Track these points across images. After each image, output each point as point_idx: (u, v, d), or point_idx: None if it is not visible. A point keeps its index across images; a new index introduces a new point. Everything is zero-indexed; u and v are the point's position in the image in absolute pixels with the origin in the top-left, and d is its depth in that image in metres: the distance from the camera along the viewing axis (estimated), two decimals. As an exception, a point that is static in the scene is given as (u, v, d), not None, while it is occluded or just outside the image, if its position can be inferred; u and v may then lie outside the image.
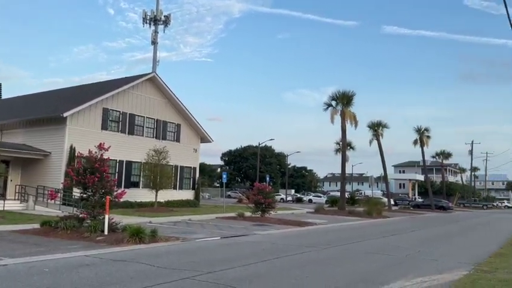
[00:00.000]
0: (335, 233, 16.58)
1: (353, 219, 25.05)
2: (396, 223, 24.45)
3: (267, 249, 10.96)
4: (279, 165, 77.18)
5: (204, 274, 7.29)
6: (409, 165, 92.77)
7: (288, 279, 7.29)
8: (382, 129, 45.80)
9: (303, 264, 8.98)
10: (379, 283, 7.18)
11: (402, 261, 9.80)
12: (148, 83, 28.27)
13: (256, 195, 21.68)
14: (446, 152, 67.68)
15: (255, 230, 16.18)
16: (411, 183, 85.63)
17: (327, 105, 35.49)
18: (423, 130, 51.71)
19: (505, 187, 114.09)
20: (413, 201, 61.13)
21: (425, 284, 7.25)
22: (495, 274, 8.33)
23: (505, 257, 10.95)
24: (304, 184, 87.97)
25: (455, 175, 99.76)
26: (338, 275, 7.82)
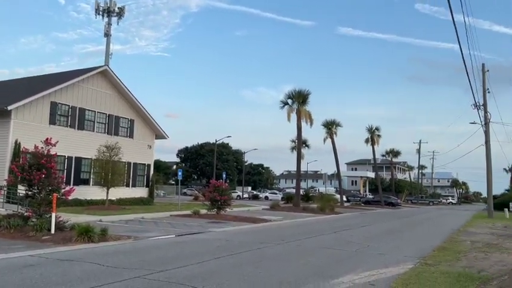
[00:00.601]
0: (289, 229, 16.84)
1: (307, 216, 25.55)
2: (347, 219, 25.20)
3: (222, 246, 10.94)
4: (236, 163, 77.27)
5: (155, 273, 7.15)
6: (361, 163, 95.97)
7: (241, 275, 7.32)
8: (336, 128, 47.03)
9: (256, 260, 9.04)
10: (329, 277, 7.38)
11: (352, 256, 10.12)
12: (100, 77, 27.30)
13: (212, 192, 21.57)
14: (396, 151, 70.66)
15: (211, 227, 16.11)
16: (362, 180, 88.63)
17: (284, 104, 35.95)
18: (374, 129, 53.66)
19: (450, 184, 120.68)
20: (364, 197, 63.32)
21: (373, 278, 7.53)
22: (438, 267, 8.79)
23: (448, 250, 11.58)
24: (261, 181, 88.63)
25: (403, 173, 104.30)
26: (290, 270, 7.95)
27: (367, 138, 54.60)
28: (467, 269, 8.57)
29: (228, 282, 6.71)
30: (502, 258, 10.41)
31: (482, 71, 34.39)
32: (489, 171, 33.92)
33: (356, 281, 7.16)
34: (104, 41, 35.58)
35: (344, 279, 7.25)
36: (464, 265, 9.16)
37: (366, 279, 7.40)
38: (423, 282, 7.15)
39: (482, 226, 21.75)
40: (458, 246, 12.57)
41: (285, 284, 6.78)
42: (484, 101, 33.69)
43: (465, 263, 9.43)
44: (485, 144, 33.81)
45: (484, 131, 33.88)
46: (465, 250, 11.74)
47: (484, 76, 34.24)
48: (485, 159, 33.87)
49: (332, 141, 46.78)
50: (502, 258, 10.30)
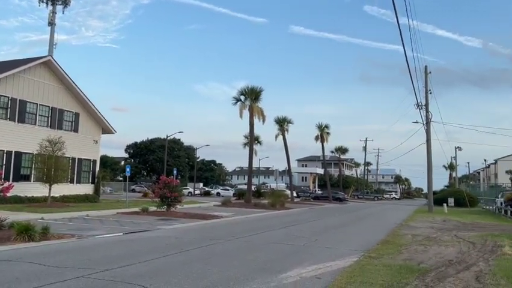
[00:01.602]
0: (240, 225, 16.89)
1: (258, 211, 25.76)
2: (297, 214, 25.70)
3: (171, 244, 10.77)
4: (187, 159, 76.32)
5: (100, 272, 6.92)
6: (311, 160, 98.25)
7: (190, 273, 7.24)
8: (287, 125, 47.79)
9: (206, 257, 8.99)
10: (277, 272, 7.49)
11: (300, 250, 10.33)
12: (43, 67, 25.90)
13: (162, 189, 21.17)
14: (344, 148, 73.06)
15: (160, 224, 15.81)
16: (312, 176, 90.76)
17: (236, 100, 35.96)
18: (323, 127, 55.06)
19: (393, 180, 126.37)
20: (314, 193, 64.91)
21: (320, 271, 7.74)
22: (381, 260, 9.18)
23: (390, 244, 12.13)
24: (213, 177, 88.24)
25: (350, 169, 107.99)
26: (239, 266, 7.97)
27: (317, 135, 55.94)
28: (407, 262, 9.02)
29: (176, 280, 6.62)
30: (440, 250, 11.06)
31: (424, 72, 36.25)
32: (429, 168, 35.90)
33: (303, 275, 7.33)
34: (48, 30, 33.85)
35: (292, 274, 7.39)
36: (405, 258, 9.63)
37: (313, 272, 7.59)
38: (366, 274, 7.45)
39: (422, 220, 22.96)
40: (400, 240, 13.20)
41: (234, 280, 6.79)
42: (425, 102, 35.57)
43: (406, 256, 9.92)
44: (426, 143, 35.73)
45: (426, 130, 35.78)
46: (406, 243, 12.35)
47: (426, 78, 36.11)
48: (426, 156, 35.80)
49: (284, 138, 47.50)
50: (440, 251, 10.94)
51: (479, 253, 10.66)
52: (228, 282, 6.59)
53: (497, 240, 13.44)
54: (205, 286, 6.36)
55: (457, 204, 47.13)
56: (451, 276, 7.61)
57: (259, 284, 6.53)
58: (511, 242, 12.91)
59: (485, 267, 8.61)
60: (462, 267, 8.55)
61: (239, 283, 6.58)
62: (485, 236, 14.63)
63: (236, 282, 6.60)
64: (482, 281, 7.20)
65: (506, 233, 15.98)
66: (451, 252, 10.66)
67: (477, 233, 16.16)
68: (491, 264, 8.90)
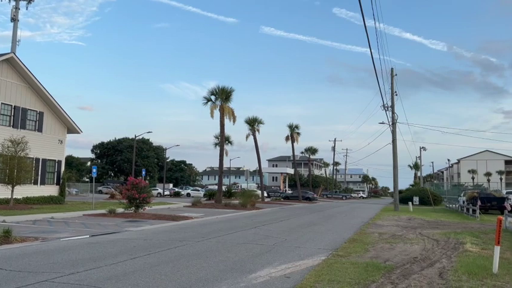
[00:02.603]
0: (210, 226, 16.80)
1: (228, 212, 25.70)
2: (267, 214, 25.81)
3: (139, 246, 10.58)
4: (157, 159, 75.24)
5: (65, 276, 6.72)
6: (281, 160, 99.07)
7: (159, 275, 7.14)
8: (258, 125, 47.92)
9: (175, 258, 8.89)
10: (247, 272, 7.51)
11: (270, 250, 10.38)
12: (5, 65, 24.89)
13: (130, 190, 20.78)
14: (313, 148, 74.05)
15: (128, 226, 15.51)
16: (282, 176, 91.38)
17: (207, 100, 35.73)
18: (294, 127, 55.59)
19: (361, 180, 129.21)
20: (284, 193, 65.37)
21: (289, 270, 7.80)
22: (348, 258, 9.35)
23: (358, 242, 12.37)
24: (183, 178, 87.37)
25: (320, 169, 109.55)
26: (209, 267, 7.93)
27: (287, 135, 56.39)
28: (374, 260, 9.23)
29: (144, 283, 6.52)
30: (405, 248, 11.37)
31: (390, 75, 37.23)
32: (395, 168, 36.89)
33: (272, 274, 7.37)
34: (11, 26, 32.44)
35: (261, 273, 7.42)
36: (372, 256, 9.86)
37: (282, 272, 7.65)
38: (334, 272, 7.57)
39: (389, 219, 23.55)
40: (367, 238, 13.49)
41: (203, 281, 6.75)
42: (391, 103, 36.52)
43: (373, 254, 10.15)
44: (392, 143, 36.70)
45: (392, 131, 36.76)
46: (373, 241, 12.64)
47: (392, 80, 37.09)
48: (392, 156, 36.77)
49: (254, 138, 47.61)
50: (405, 248, 11.26)
51: (443, 250, 11.04)
52: (197, 284, 6.54)
53: (460, 237, 13.96)
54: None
55: (422, 203, 48.63)
56: (416, 273, 7.84)
57: (228, 285, 6.51)
58: (472, 239, 13.45)
59: (448, 263, 8.92)
60: (426, 264, 8.83)
61: (209, 284, 6.54)
62: (448, 234, 15.16)
63: (206, 284, 6.56)
64: (445, 277, 7.46)
65: (468, 231, 16.62)
66: (415, 250, 10.99)
67: (441, 230, 16.73)
68: (453, 261, 9.24)
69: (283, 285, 6.57)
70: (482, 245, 11.97)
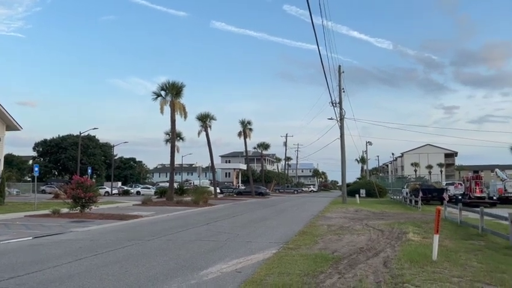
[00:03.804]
0: (161, 224, 16.50)
1: (180, 209, 25.35)
2: (220, 210, 25.76)
3: (85, 247, 10.19)
4: (104, 156, 72.61)
5: (4, 280, 6.36)
6: (234, 156, 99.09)
7: (106, 275, 6.92)
8: (210, 121, 47.59)
9: (124, 258, 8.65)
10: (198, 269, 7.46)
11: (222, 246, 10.37)
12: None
13: (75, 189, 19.93)
14: (266, 144, 74.72)
15: (73, 227, 14.88)
16: (235, 172, 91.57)
17: (157, 95, 34.99)
18: (246, 123, 55.80)
19: (311, 174, 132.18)
20: (237, 188, 65.55)
21: (240, 265, 7.84)
22: (298, 250, 9.56)
23: (307, 234, 12.67)
24: (133, 176, 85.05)
25: (272, 164, 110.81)
26: (159, 266, 7.79)
27: (240, 131, 56.53)
28: (323, 251, 9.50)
29: (90, 284, 6.29)
30: (352, 239, 11.79)
31: (338, 72, 38.31)
32: (343, 162, 38.10)
33: (223, 270, 7.38)
34: None
35: (213, 269, 7.40)
36: (321, 247, 10.14)
37: (233, 267, 7.67)
38: (284, 265, 7.71)
39: (337, 211, 24.31)
40: (317, 230, 13.85)
41: (153, 280, 6.62)
42: (339, 99, 37.62)
43: (322, 245, 10.44)
44: (340, 138, 37.85)
45: (339, 126, 37.89)
46: (322, 233, 12.99)
47: (340, 77, 38.19)
48: (340, 151, 37.94)
49: (207, 134, 47.24)
50: (352, 239, 11.67)
51: (387, 240, 11.57)
52: (146, 283, 6.41)
53: (403, 227, 14.69)
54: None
55: (368, 195, 50.64)
56: (362, 262, 8.16)
57: (179, 283, 6.44)
58: (414, 229, 14.20)
59: (392, 253, 9.36)
60: (372, 254, 9.21)
61: (158, 283, 6.43)
62: (392, 224, 15.91)
63: (155, 283, 6.44)
64: (389, 265, 7.82)
65: (410, 221, 17.53)
66: (362, 240, 11.43)
67: (385, 221, 17.52)
68: (397, 250, 9.70)
69: (235, 280, 6.60)
70: (423, 234, 12.67)
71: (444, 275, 6.96)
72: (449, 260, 8.35)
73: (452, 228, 14.62)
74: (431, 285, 6.18)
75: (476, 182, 33.51)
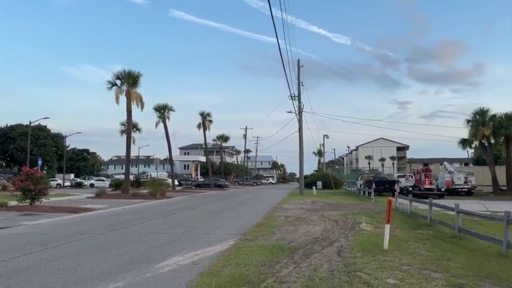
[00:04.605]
0: (115, 217, 16.08)
1: (136, 202, 24.83)
2: (178, 202, 25.48)
3: (34, 241, 9.76)
4: (55, 147, 69.62)
5: None
6: (193, 148, 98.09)
7: (57, 270, 6.67)
8: (168, 112, 46.78)
9: (76, 252, 8.37)
10: (154, 261, 7.35)
11: (179, 238, 10.27)
12: None
13: (25, 181, 19.00)
14: (225, 136, 74.50)
15: (21, 220, 14.20)
16: (194, 164, 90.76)
17: (112, 84, 33.83)
18: (205, 115, 55.29)
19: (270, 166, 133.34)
20: (196, 181, 65.03)
21: (197, 257, 7.81)
22: (256, 241, 9.64)
23: (265, 226, 12.80)
24: (86, 168, 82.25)
25: (232, 156, 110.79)
26: (113, 259, 7.61)
27: (199, 123, 55.92)
28: (279, 241, 9.64)
29: (39, 279, 6.04)
30: (308, 229, 12.04)
31: (297, 66, 38.74)
32: (301, 154, 38.72)
33: (180, 262, 7.31)
34: None
35: (169, 262, 7.32)
36: (278, 238, 10.28)
37: (190, 259, 7.62)
38: (242, 256, 7.75)
39: (295, 202, 24.72)
40: (274, 221, 14.03)
41: (106, 273, 6.46)
42: (298, 93, 38.10)
43: (278, 236, 10.59)
44: (299, 131, 38.40)
45: (298, 120, 38.41)
46: (279, 224, 13.18)
47: (299, 70, 38.64)
48: (298, 144, 38.50)
49: (165, 125, 46.43)
50: (308, 230, 11.92)
51: (341, 230, 11.91)
52: (99, 277, 6.24)
53: (356, 218, 15.18)
54: (74, 282, 5.93)
55: (325, 187, 51.83)
56: (317, 252, 8.36)
57: (133, 276, 6.32)
58: (367, 219, 14.71)
59: (346, 242, 9.65)
60: (326, 244, 9.45)
61: (112, 276, 6.28)
62: (346, 215, 16.39)
63: (109, 276, 6.28)
64: (343, 254, 8.06)
65: (363, 211, 18.14)
66: (317, 231, 11.70)
67: (340, 212, 18.02)
68: (350, 240, 10.02)
69: (191, 272, 6.56)
70: (375, 224, 13.15)
71: (394, 263, 7.26)
72: (400, 248, 8.73)
73: (403, 219, 15.28)
74: (382, 273, 6.43)
75: (425, 174, 35.17)
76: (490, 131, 40.06)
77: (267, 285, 5.75)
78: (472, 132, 41.30)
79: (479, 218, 11.80)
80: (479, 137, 40.84)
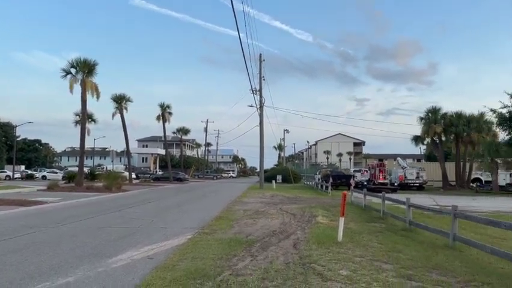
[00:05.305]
0: (68, 211, 15.50)
1: (91, 195, 24.06)
2: (135, 196, 24.94)
3: (-22, 236, 9.23)
4: (5, 137, 66.05)
5: None
6: (152, 140, 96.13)
7: (3, 265, 6.36)
8: (126, 103, 45.47)
9: (24, 247, 7.99)
10: (107, 256, 7.15)
11: (134, 232, 10.04)
12: None
13: (-31, 172, 17.92)
14: (186, 129, 73.52)
15: (-36, 214, 13.39)
16: (153, 157, 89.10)
17: (66, 73, 32.40)
18: (165, 107, 54.25)
19: (231, 160, 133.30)
20: (154, 174, 63.89)
21: (153, 251, 7.67)
22: (214, 235, 9.61)
23: (224, 219, 12.78)
24: (38, 159, 78.69)
25: (192, 150, 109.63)
26: (64, 254, 7.33)
27: (158, 115, 54.79)
28: (237, 235, 9.66)
29: (-18, 276, 5.71)
30: (266, 222, 12.15)
31: (259, 60, 38.81)
32: (262, 149, 38.95)
33: (134, 257, 7.16)
34: None
35: (123, 257, 7.14)
36: (236, 231, 10.30)
37: (145, 253, 7.48)
38: (199, 250, 7.70)
39: (254, 196, 24.86)
40: (233, 215, 14.04)
41: (56, 268, 6.21)
42: (260, 87, 38.22)
43: (237, 230, 10.61)
44: (260, 125, 38.57)
45: (259, 114, 38.56)
46: (238, 218, 13.20)
47: (260, 65, 38.73)
48: (259, 138, 38.69)
49: (122, 116, 45.10)
50: (267, 223, 12.02)
51: (298, 223, 12.10)
52: (49, 272, 6.00)
53: (313, 211, 15.48)
54: (21, 278, 5.67)
55: (284, 181, 52.54)
56: (274, 245, 8.45)
57: (85, 271, 6.12)
58: (323, 212, 15.05)
59: (302, 235, 9.82)
60: (283, 236, 9.58)
61: (62, 271, 6.05)
62: (304, 208, 16.68)
63: (58, 271, 6.05)
64: (298, 247, 8.20)
65: (320, 205, 18.54)
66: (275, 224, 11.82)
67: (298, 205, 18.31)
68: (306, 232, 10.20)
69: (146, 267, 6.43)
70: (331, 217, 13.47)
71: (348, 255, 7.47)
72: (353, 241, 8.98)
73: (357, 212, 15.74)
74: (335, 265, 6.60)
75: (380, 169, 36.40)
76: (441, 129, 42.11)
77: (223, 278, 5.74)
78: (425, 129, 43.21)
79: (428, 211, 12.37)
80: (431, 134, 42.82)
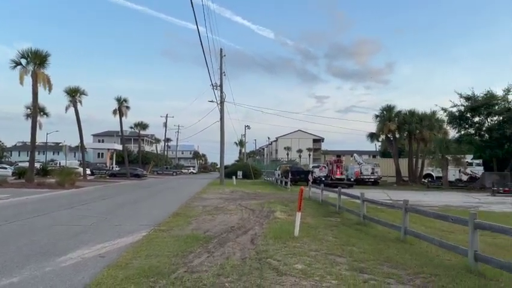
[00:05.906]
0: (16, 208, 14.73)
1: (42, 192, 23.00)
2: (89, 193, 24.11)
3: None
4: None
5: None
6: (109, 135, 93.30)
7: None
8: (80, 96, 43.68)
9: (-36, 247, 7.49)
10: (56, 255, 6.85)
11: (86, 230, 9.68)
12: None
13: None
14: (144, 124, 71.88)
15: None
16: (110, 152, 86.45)
17: (16, 64, 30.74)
18: (122, 100, 52.75)
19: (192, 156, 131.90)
20: (110, 170, 62.06)
21: (105, 250, 7.43)
22: (170, 232, 9.44)
23: (181, 216, 12.60)
24: (-15, 154, 74.42)
25: (151, 145, 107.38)
26: (10, 252, 6.94)
27: (115, 109, 53.17)
28: (195, 231, 9.55)
29: None
30: (225, 218, 12.10)
31: (220, 55, 38.54)
32: (222, 144, 38.81)
33: (85, 255, 6.90)
34: None
35: (73, 255, 6.87)
36: (194, 228, 10.18)
37: (97, 252, 7.23)
38: (154, 247, 7.54)
39: (214, 192, 24.73)
40: (191, 211, 13.88)
41: (1, 268, 5.87)
42: (220, 82, 37.98)
43: (194, 226, 10.49)
44: (220, 121, 38.37)
45: (220, 109, 38.35)
46: (196, 214, 13.07)
47: (221, 60, 38.46)
48: (220, 133, 38.49)
49: (76, 110, 43.31)
50: (225, 219, 11.98)
51: (257, 218, 12.14)
52: (-10, 274, 5.65)
53: (272, 206, 15.59)
54: (-42, 282, 5.30)
55: (245, 177, 52.58)
56: (231, 240, 8.42)
57: (31, 270, 5.83)
58: (282, 208, 15.19)
59: (260, 230, 9.85)
60: (241, 232, 9.57)
61: (6, 271, 5.73)
62: (263, 204, 16.77)
63: (3, 271, 5.74)
64: (256, 242, 8.21)
65: (279, 200, 18.70)
66: (234, 220, 11.80)
67: (257, 201, 18.39)
68: (264, 228, 10.25)
69: (97, 265, 6.21)
70: (289, 212, 13.62)
71: (303, 249, 7.57)
72: (309, 235, 9.12)
73: (315, 207, 16.02)
74: (291, 259, 6.66)
75: (337, 165, 37.26)
76: (395, 126, 43.68)
77: (178, 275, 5.64)
78: (380, 126, 44.65)
79: (382, 206, 12.76)
80: (386, 132, 44.33)
